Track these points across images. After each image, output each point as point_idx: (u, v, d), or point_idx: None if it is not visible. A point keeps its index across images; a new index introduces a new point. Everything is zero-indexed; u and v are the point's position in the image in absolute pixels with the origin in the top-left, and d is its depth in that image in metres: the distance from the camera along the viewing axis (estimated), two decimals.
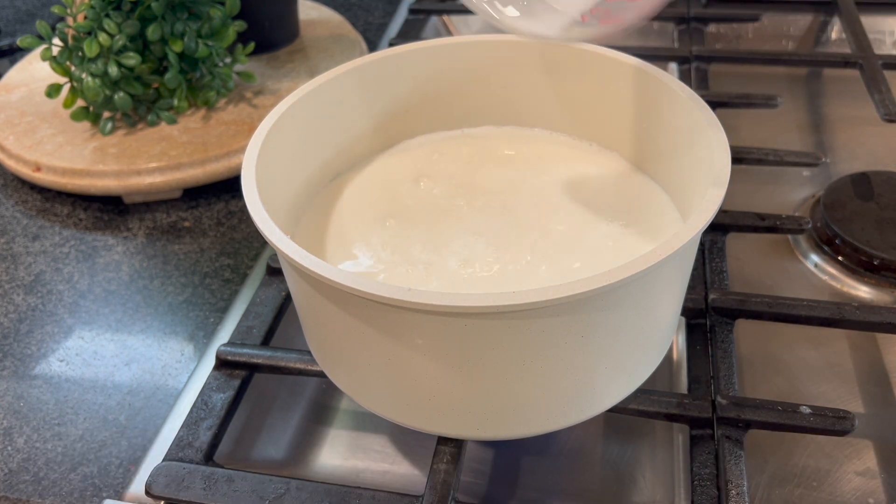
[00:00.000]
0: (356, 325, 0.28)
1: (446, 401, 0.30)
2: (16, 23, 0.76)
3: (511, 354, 0.27)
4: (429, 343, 0.27)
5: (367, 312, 0.27)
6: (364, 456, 0.37)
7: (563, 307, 0.26)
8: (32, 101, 0.56)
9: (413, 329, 0.27)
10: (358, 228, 0.36)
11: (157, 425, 0.37)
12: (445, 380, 0.29)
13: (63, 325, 0.43)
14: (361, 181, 0.40)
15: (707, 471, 0.32)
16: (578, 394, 0.30)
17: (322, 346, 0.33)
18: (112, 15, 0.50)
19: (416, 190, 0.38)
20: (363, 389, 0.32)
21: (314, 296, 0.29)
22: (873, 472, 0.35)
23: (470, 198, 0.37)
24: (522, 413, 0.30)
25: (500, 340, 0.27)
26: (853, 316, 0.37)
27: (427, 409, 0.30)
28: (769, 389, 0.39)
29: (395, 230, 0.36)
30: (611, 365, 0.30)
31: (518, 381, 0.29)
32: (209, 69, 0.53)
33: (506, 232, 0.35)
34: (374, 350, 0.29)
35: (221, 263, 0.46)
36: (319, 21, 0.66)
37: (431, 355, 0.28)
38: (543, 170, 0.39)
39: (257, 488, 0.31)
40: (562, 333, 0.27)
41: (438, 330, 0.27)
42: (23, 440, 0.37)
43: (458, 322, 0.26)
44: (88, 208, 0.51)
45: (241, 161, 0.50)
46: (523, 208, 0.37)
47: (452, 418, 0.30)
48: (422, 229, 0.36)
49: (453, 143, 0.42)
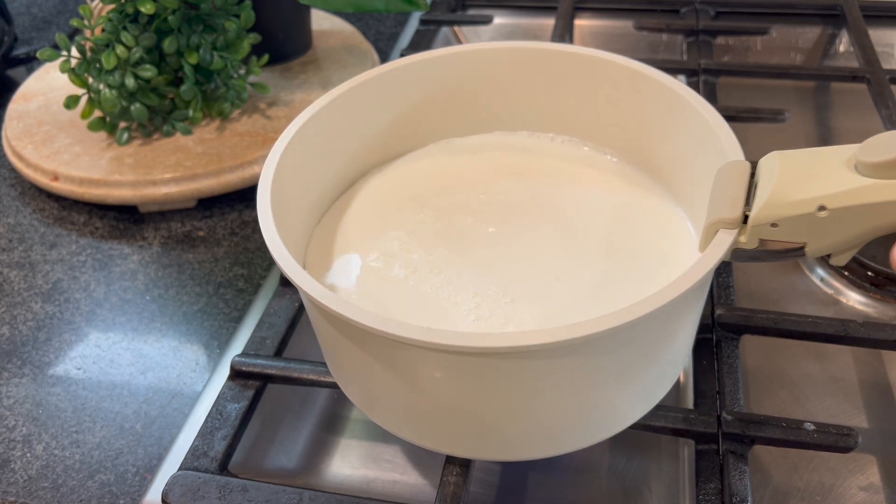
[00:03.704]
0: (373, 358, 0.29)
1: (460, 426, 0.30)
2: (32, 30, 0.77)
3: (527, 388, 0.28)
4: (446, 377, 0.28)
5: (384, 349, 0.28)
6: (375, 466, 0.38)
7: (581, 346, 0.26)
8: (50, 110, 0.57)
9: (430, 365, 0.28)
10: (370, 238, 0.37)
11: (172, 434, 0.38)
12: (461, 409, 0.29)
13: (80, 333, 0.44)
14: (373, 191, 0.40)
15: (712, 485, 0.33)
16: (593, 419, 0.31)
17: (337, 366, 0.34)
18: (129, 28, 0.50)
19: (429, 202, 0.39)
20: (377, 407, 0.33)
21: (332, 329, 0.30)
22: (877, 487, 0.36)
23: (481, 212, 0.38)
24: (536, 438, 0.31)
25: (517, 376, 0.27)
26: (858, 333, 0.37)
27: (440, 431, 0.31)
28: (774, 403, 0.39)
29: (406, 242, 0.36)
30: (627, 392, 0.31)
31: (534, 411, 0.29)
32: (224, 81, 0.54)
33: (517, 255, 0.35)
34: (390, 379, 0.30)
35: (235, 273, 0.47)
36: (332, 32, 0.66)
37: (448, 388, 0.29)
38: (555, 181, 0.39)
39: (271, 498, 0.32)
40: (581, 368, 0.28)
41: (456, 366, 0.27)
42: (41, 447, 0.38)
43: (475, 360, 0.27)
44: (105, 217, 0.52)
45: (255, 172, 0.51)
46: (535, 226, 0.37)
47: (466, 441, 0.31)
48: (434, 244, 0.36)
49: (468, 150, 0.42)
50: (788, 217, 0.27)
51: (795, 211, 0.27)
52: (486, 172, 0.40)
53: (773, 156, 0.29)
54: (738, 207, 0.28)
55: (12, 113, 0.57)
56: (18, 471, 0.37)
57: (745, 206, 0.28)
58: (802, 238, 0.28)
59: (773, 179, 0.27)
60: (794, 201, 0.27)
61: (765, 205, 0.27)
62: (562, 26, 0.65)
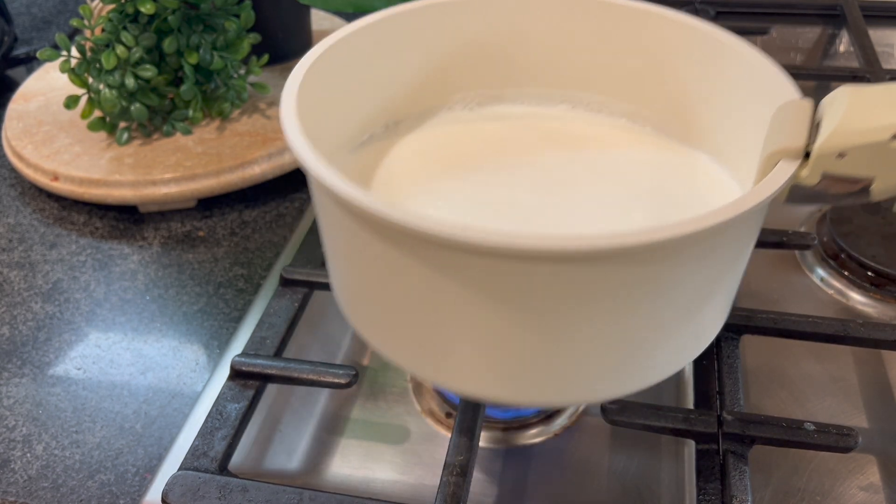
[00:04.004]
0: (402, 268, 0.25)
1: (493, 359, 0.27)
2: (32, 30, 0.77)
3: (579, 307, 0.25)
4: (481, 291, 0.24)
5: (420, 252, 0.24)
6: (375, 466, 0.38)
7: (651, 254, 0.23)
8: (50, 110, 0.57)
9: (468, 274, 0.24)
10: (406, 178, 0.34)
11: (172, 434, 0.38)
12: (497, 334, 0.26)
13: (80, 333, 0.44)
14: (402, 151, 0.37)
15: (712, 485, 0.33)
16: (635, 361, 0.28)
17: (354, 294, 0.30)
18: (129, 28, 0.50)
19: (463, 164, 0.36)
20: (395, 342, 0.29)
21: (354, 233, 0.26)
22: (877, 487, 0.36)
23: (519, 176, 0.35)
24: (573, 377, 0.27)
25: (571, 290, 0.24)
26: (858, 332, 0.37)
27: (470, 369, 0.28)
28: (774, 404, 0.39)
29: (447, 182, 0.34)
30: (680, 326, 0.28)
31: (577, 340, 0.26)
32: (224, 81, 0.54)
33: (558, 216, 0.32)
34: (421, 298, 0.26)
35: (235, 273, 0.47)
36: (331, 31, 0.66)
37: (483, 305, 0.25)
38: (591, 142, 0.37)
39: (271, 498, 0.32)
40: (640, 284, 0.24)
41: (496, 275, 0.24)
42: (42, 447, 0.38)
43: (523, 267, 0.23)
44: (105, 217, 0.52)
45: (254, 172, 0.51)
46: (577, 188, 0.34)
47: (494, 380, 0.28)
48: (473, 181, 0.34)
49: (501, 112, 0.40)
50: (858, 146, 0.25)
51: (866, 139, 0.25)
52: (523, 134, 0.38)
53: (840, 90, 0.27)
54: (802, 136, 0.26)
55: (12, 113, 0.57)
56: (18, 471, 0.37)
57: (807, 142, 0.26)
58: (871, 172, 0.26)
59: (841, 110, 0.26)
60: (865, 129, 0.25)
61: (833, 132, 0.25)
62: None
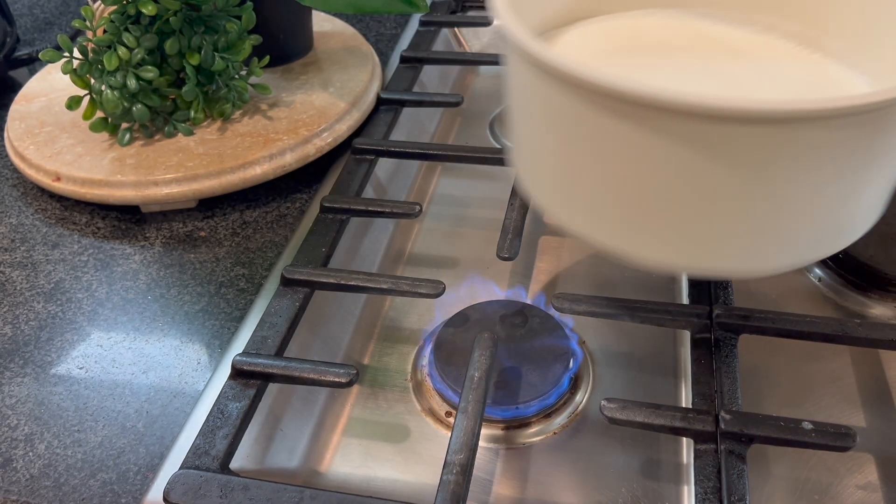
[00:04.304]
0: (630, 142, 0.26)
1: (721, 229, 0.27)
2: (34, 31, 0.77)
3: (811, 170, 0.25)
4: (719, 159, 0.25)
5: (656, 123, 0.25)
6: (375, 465, 0.38)
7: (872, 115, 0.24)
8: (52, 111, 0.57)
9: (705, 142, 0.24)
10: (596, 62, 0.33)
11: (174, 433, 0.38)
12: (728, 202, 0.26)
13: (82, 332, 0.44)
14: (575, 38, 0.37)
15: (711, 484, 0.33)
16: (845, 221, 0.29)
17: (561, 176, 0.30)
18: (131, 29, 0.51)
19: (651, 37, 0.36)
20: (594, 214, 0.29)
21: (568, 108, 0.27)
22: (874, 486, 0.36)
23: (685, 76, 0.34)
24: (793, 240, 0.28)
25: (806, 153, 0.25)
26: (855, 332, 0.38)
27: (697, 241, 0.28)
28: (772, 402, 0.39)
29: (641, 70, 0.33)
30: (880, 188, 0.28)
31: (802, 203, 0.26)
32: (225, 82, 0.54)
33: (752, 88, 0.32)
34: (649, 172, 0.26)
35: (236, 273, 0.47)
36: (333, 33, 0.67)
37: (718, 173, 0.25)
38: (762, 55, 0.36)
39: (272, 497, 0.32)
40: (866, 147, 0.25)
41: (735, 141, 0.24)
42: (44, 446, 0.38)
43: (761, 131, 0.24)
44: (107, 217, 0.52)
45: (255, 172, 0.51)
46: (756, 81, 0.33)
47: (718, 249, 0.28)
48: (664, 69, 0.33)
49: (668, 14, 0.38)
50: None
51: None
52: (701, 43, 0.37)
53: None
54: None
55: (14, 114, 0.58)
56: (20, 470, 0.37)
57: None
58: None
59: None
60: None
61: None
62: None
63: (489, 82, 0.70)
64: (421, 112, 0.62)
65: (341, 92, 0.58)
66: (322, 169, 0.55)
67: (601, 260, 0.49)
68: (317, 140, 0.54)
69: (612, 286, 0.47)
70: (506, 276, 0.49)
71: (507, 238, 0.44)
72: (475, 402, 0.34)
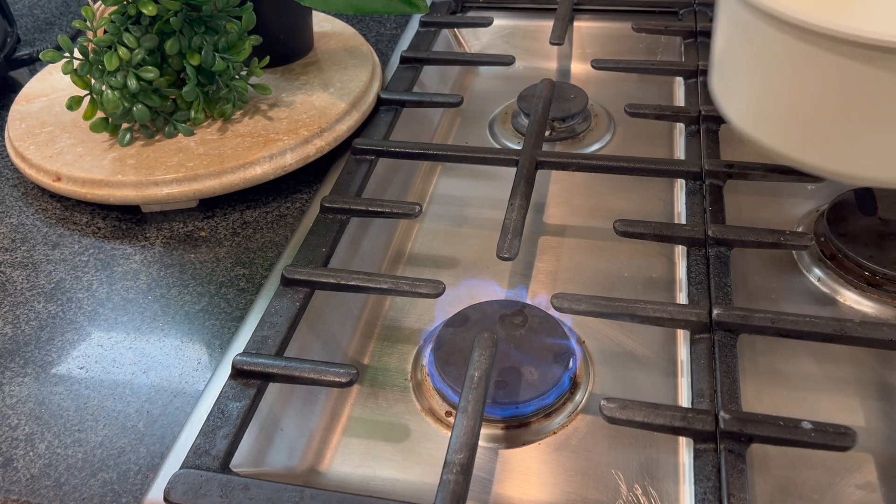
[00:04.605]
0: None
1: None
2: (34, 32, 0.77)
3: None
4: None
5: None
6: (375, 464, 0.38)
7: None
8: (52, 111, 0.57)
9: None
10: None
11: (174, 433, 0.38)
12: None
13: (83, 332, 0.44)
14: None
15: (711, 483, 0.33)
16: None
17: (756, 95, 0.37)
18: (131, 29, 0.51)
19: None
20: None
21: (795, 50, 0.34)
22: (874, 486, 0.36)
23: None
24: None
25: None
26: (855, 332, 0.38)
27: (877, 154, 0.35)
28: (771, 403, 0.39)
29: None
30: None
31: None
32: (225, 82, 0.54)
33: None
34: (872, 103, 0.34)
35: (237, 273, 0.47)
36: (333, 33, 0.67)
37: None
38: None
39: (272, 496, 0.32)
40: None
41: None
42: (44, 446, 0.38)
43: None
44: (107, 217, 0.52)
45: (256, 172, 0.52)
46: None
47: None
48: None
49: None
50: None
51: None
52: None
53: None
54: None
55: (15, 114, 0.58)
56: (21, 469, 0.37)
57: None
58: None
59: None
60: None
61: None
62: (560, 28, 0.65)
63: (489, 82, 0.70)
64: (421, 112, 0.62)
65: (341, 92, 0.58)
66: (322, 169, 0.55)
67: (601, 260, 0.49)
68: (317, 140, 0.54)
69: (612, 286, 0.47)
70: (506, 276, 0.49)
71: (507, 238, 0.44)
72: (475, 402, 0.34)
